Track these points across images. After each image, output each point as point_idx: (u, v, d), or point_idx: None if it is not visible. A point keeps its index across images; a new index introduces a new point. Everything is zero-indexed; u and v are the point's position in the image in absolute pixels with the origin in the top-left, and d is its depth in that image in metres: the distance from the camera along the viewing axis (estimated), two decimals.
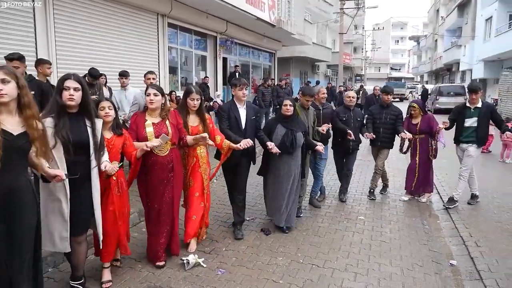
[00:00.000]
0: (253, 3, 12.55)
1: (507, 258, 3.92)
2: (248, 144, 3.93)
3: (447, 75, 40.94)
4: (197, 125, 3.92)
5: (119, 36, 8.96)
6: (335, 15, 26.42)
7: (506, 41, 20.43)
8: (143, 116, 3.56)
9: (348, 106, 5.61)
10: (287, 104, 4.43)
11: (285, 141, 4.34)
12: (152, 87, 3.53)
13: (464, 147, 5.38)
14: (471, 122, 5.31)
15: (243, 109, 4.34)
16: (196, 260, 3.63)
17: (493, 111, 5.39)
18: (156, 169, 3.51)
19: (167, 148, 3.53)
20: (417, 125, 5.63)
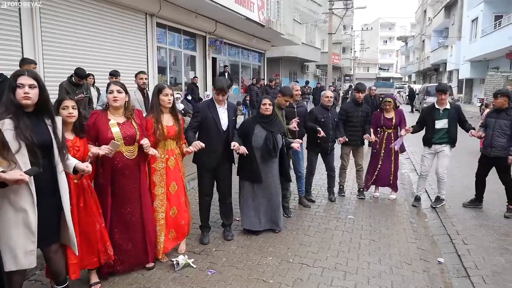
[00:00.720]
0: (242, 3, 12.54)
1: (493, 255, 3.98)
2: (198, 146, 3.70)
3: (435, 75, 41.51)
4: (172, 125, 3.68)
5: (107, 36, 8.87)
6: (324, 15, 26.55)
7: (491, 41, 20.81)
8: (104, 116, 3.24)
9: (326, 106, 5.54)
10: (266, 103, 4.25)
11: (268, 145, 4.19)
12: (115, 84, 3.29)
13: (438, 148, 5.44)
14: (442, 124, 5.38)
15: (224, 109, 4.10)
16: (186, 261, 3.62)
17: (460, 112, 5.48)
18: (127, 173, 3.31)
19: (136, 150, 3.32)
20: (392, 119, 5.71)
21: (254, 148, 4.23)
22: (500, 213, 5.21)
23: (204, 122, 4.02)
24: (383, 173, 5.84)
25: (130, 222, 3.39)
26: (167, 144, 3.68)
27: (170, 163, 3.70)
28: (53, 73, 7.40)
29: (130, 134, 3.26)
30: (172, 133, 3.66)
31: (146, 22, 10.19)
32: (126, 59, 9.45)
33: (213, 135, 4.00)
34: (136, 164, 3.37)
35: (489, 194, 5.98)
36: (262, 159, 4.27)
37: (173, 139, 3.71)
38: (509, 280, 3.48)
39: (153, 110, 3.63)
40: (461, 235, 4.54)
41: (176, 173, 3.77)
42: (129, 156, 3.29)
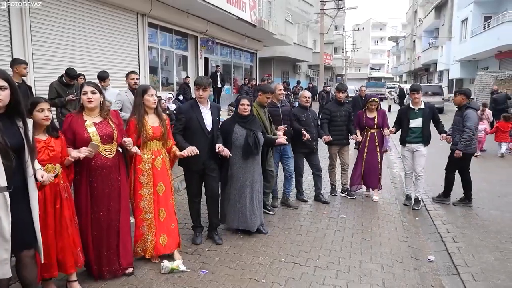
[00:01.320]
0: (234, 3, 12.54)
1: (483, 253, 4.04)
2: (193, 152, 3.69)
3: (425, 75, 41.86)
4: (158, 125, 3.62)
5: (98, 36, 8.82)
6: (316, 15, 26.63)
7: (481, 42, 21.04)
8: (80, 117, 3.20)
9: (305, 106, 5.59)
10: (244, 103, 4.26)
11: (249, 144, 4.18)
12: (89, 85, 3.23)
13: (414, 147, 5.53)
14: (416, 123, 5.49)
15: (207, 109, 4.04)
16: (172, 266, 3.54)
17: (434, 112, 5.56)
18: (105, 173, 3.24)
19: (114, 149, 3.30)
20: (374, 119, 5.78)
21: (235, 147, 4.22)
22: (490, 211, 5.29)
23: (188, 123, 3.95)
24: (368, 173, 5.90)
25: (107, 222, 3.32)
26: (153, 144, 3.63)
27: (157, 164, 3.64)
28: (43, 73, 7.34)
29: (107, 133, 3.24)
30: (158, 133, 3.61)
31: (137, 22, 10.14)
32: (117, 59, 9.40)
33: (198, 136, 3.94)
34: (115, 164, 3.33)
35: (478, 193, 6.07)
36: (244, 156, 4.25)
37: (159, 139, 3.66)
38: (497, 277, 3.53)
39: (136, 111, 3.58)
40: (451, 233, 4.59)
41: (164, 173, 3.70)
42: (107, 155, 3.26)
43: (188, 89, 11.85)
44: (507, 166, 6.08)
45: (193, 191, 4.18)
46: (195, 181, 4.15)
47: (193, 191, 4.19)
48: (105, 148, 3.24)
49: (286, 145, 5.12)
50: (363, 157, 5.90)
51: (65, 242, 3.02)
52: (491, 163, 8.40)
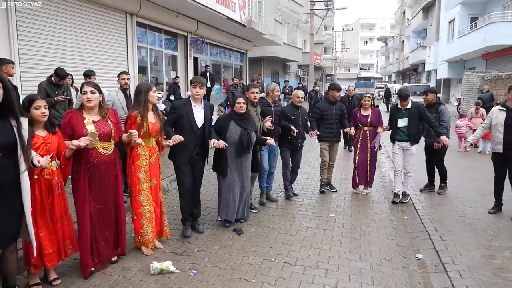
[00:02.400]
0: (224, 3, 12.52)
1: (469, 251, 4.09)
2: (177, 139, 3.87)
3: (414, 75, 42.28)
4: (155, 122, 3.82)
5: (86, 35, 8.72)
6: (305, 15, 26.73)
7: (468, 42, 21.33)
8: (80, 115, 3.36)
9: (296, 105, 5.70)
10: (240, 102, 4.48)
11: (242, 142, 4.40)
12: (88, 85, 3.39)
13: (404, 145, 5.66)
14: (403, 123, 5.62)
15: (200, 107, 4.25)
16: (161, 267, 3.52)
17: (421, 111, 5.62)
18: (102, 169, 3.41)
19: (111, 146, 3.47)
20: (368, 117, 5.88)
21: (229, 143, 4.39)
22: (476, 209, 5.36)
23: (179, 119, 4.15)
24: (360, 170, 6.05)
25: (105, 217, 3.52)
26: (150, 141, 3.82)
27: (153, 160, 3.86)
28: (30, 73, 7.24)
29: (105, 131, 3.38)
30: (156, 129, 3.80)
31: (126, 22, 10.05)
32: (106, 59, 9.31)
33: (186, 132, 4.08)
34: (112, 161, 3.49)
35: (465, 192, 6.16)
36: (237, 154, 4.48)
37: (154, 136, 3.84)
38: (484, 274, 3.58)
39: (140, 107, 3.71)
40: (439, 231, 4.65)
41: (156, 170, 3.93)
42: (104, 153, 3.41)
43: (178, 89, 11.80)
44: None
45: (184, 185, 4.32)
46: (186, 176, 4.29)
47: (184, 186, 4.32)
48: (102, 145, 3.38)
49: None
50: (357, 155, 6.03)
51: (52, 237, 3.17)
52: (479, 162, 8.51)
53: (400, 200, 5.81)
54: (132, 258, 3.78)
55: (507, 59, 19.21)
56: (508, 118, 4.89)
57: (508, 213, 5.09)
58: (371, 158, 5.99)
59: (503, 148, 4.93)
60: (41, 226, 3.08)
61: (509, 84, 13.81)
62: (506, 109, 4.98)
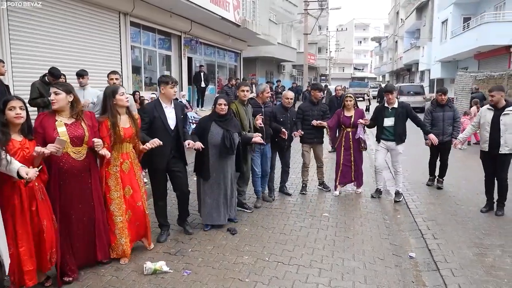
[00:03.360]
0: (218, 3, 12.51)
1: (462, 249, 4.13)
2: (156, 143, 3.66)
3: (407, 75, 42.50)
4: (129, 127, 3.60)
5: (79, 35, 8.68)
6: (300, 15, 26.77)
7: (460, 42, 21.46)
8: (52, 117, 3.14)
9: (286, 106, 5.65)
10: (222, 103, 4.36)
11: (225, 144, 4.29)
12: (53, 86, 3.19)
13: (389, 145, 5.70)
14: (390, 122, 5.66)
15: (171, 108, 4.08)
16: (155, 267, 3.52)
17: (408, 111, 5.69)
18: (74, 176, 3.20)
19: (84, 151, 3.24)
20: (351, 118, 5.85)
21: (210, 145, 4.33)
22: (469, 208, 5.40)
23: (152, 122, 3.97)
24: (344, 170, 6.00)
25: (79, 225, 3.31)
26: (123, 147, 3.61)
27: (125, 167, 3.62)
28: (22, 73, 7.19)
29: (78, 135, 3.17)
30: (129, 135, 3.58)
31: (119, 21, 10.02)
32: (99, 59, 9.27)
33: (161, 135, 3.89)
34: (86, 166, 3.29)
35: (458, 191, 6.21)
36: (219, 156, 4.37)
37: (129, 141, 3.64)
38: (476, 272, 3.61)
39: (108, 112, 3.50)
40: (432, 230, 4.68)
41: (131, 177, 3.68)
42: (76, 158, 3.20)
43: None
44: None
45: (159, 190, 4.19)
46: (161, 181, 4.17)
47: (159, 191, 4.19)
48: (74, 150, 3.18)
49: (265, 145, 5.25)
50: (340, 156, 6.01)
51: (43, 241, 2.99)
52: (471, 161, 8.57)
53: (394, 199, 5.86)
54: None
55: (499, 59, 19.37)
56: (495, 117, 5.00)
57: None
58: (356, 158, 5.95)
59: (488, 147, 5.05)
60: (21, 239, 2.85)
61: (501, 84, 13.96)
62: (494, 108, 5.06)
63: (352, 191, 6.27)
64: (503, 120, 4.94)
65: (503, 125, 4.93)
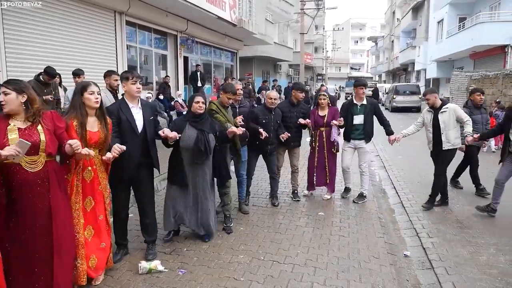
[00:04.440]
0: (214, 2, 12.49)
1: (456, 247, 4.15)
2: (118, 149, 3.13)
3: (403, 75, 42.63)
4: (97, 131, 3.12)
5: (74, 34, 8.64)
6: (296, 15, 26.79)
7: (456, 42, 21.56)
8: (5, 121, 2.64)
9: (269, 107, 5.25)
10: (199, 101, 3.97)
11: (199, 146, 3.90)
12: (2, 85, 2.71)
13: (357, 143, 5.59)
14: (359, 120, 5.52)
15: (138, 108, 3.60)
16: (150, 266, 3.51)
17: (376, 108, 5.62)
18: (26, 192, 2.63)
19: (41, 160, 2.69)
20: (324, 117, 5.56)
21: (183, 149, 3.95)
22: (463, 207, 5.43)
23: (119, 125, 3.49)
24: (318, 172, 5.75)
25: (32, 253, 2.69)
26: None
27: (87, 175, 3.12)
28: (17, 72, 7.15)
29: (32, 141, 2.58)
30: (95, 139, 3.11)
31: (115, 20, 9.99)
32: (95, 58, 9.24)
33: (128, 139, 3.47)
34: (42, 178, 2.69)
35: (453, 190, 6.23)
36: (193, 160, 3.99)
37: (95, 147, 3.15)
38: (470, 271, 3.64)
39: (75, 111, 3.06)
40: (426, 228, 4.70)
41: (94, 186, 3.18)
42: (30, 169, 2.64)
43: (168, 89, 11.77)
44: (481, 164, 6.30)
45: (120, 203, 3.69)
46: (124, 191, 3.69)
47: (120, 204, 3.69)
48: (28, 160, 2.62)
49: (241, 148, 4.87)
50: (315, 158, 5.71)
51: None
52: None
53: (353, 199, 5.70)
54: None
55: (495, 58, 19.46)
56: (434, 118, 5.23)
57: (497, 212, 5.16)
58: (329, 159, 5.64)
59: (433, 146, 5.33)
60: None
61: (496, 83, 14.02)
62: (432, 109, 5.26)
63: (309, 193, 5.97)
64: (441, 119, 5.15)
65: (442, 123, 5.14)
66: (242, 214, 5.13)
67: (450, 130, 5.14)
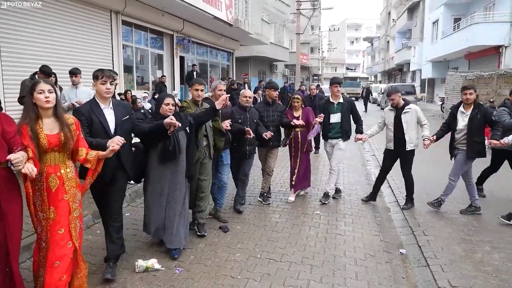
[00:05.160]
0: (210, 2, 12.50)
1: (451, 245, 4.18)
2: (120, 142, 2.99)
3: (399, 75, 42.84)
4: (57, 133, 2.76)
5: (70, 33, 8.61)
6: (292, 15, 26.83)
7: (451, 42, 21.70)
8: None
9: (244, 106, 5.10)
10: (170, 103, 3.67)
11: (167, 146, 3.62)
12: None
13: (334, 142, 5.59)
14: (336, 118, 5.53)
15: (109, 109, 3.35)
16: (147, 265, 3.51)
17: (352, 106, 5.66)
18: None
19: None
20: (299, 118, 5.51)
21: (154, 150, 3.72)
22: (458, 205, 5.45)
23: (90, 127, 3.23)
24: (301, 173, 5.66)
25: None
26: (49, 158, 2.77)
27: (52, 183, 2.76)
28: (12, 71, 7.12)
29: None
30: (56, 143, 2.74)
31: (111, 20, 9.97)
32: (90, 58, 9.21)
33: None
34: None
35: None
36: (161, 161, 3.71)
37: (58, 151, 2.80)
38: (464, 268, 3.66)
39: (27, 113, 2.74)
40: (422, 227, 4.73)
41: (58, 196, 2.78)
42: None
43: (164, 88, 11.74)
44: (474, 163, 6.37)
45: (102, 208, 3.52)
46: (100, 196, 3.45)
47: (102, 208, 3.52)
48: None
49: (222, 151, 4.68)
50: (297, 158, 5.63)
51: None
52: None
53: (320, 199, 5.68)
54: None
55: (489, 59, 19.60)
56: (396, 117, 5.27)
57: (489, 210, 5.20)
58: (301, 159, 5.61)
59: (394, 145, 5.33)
60: None
61: (490, 83, 14.11)
62: (395, 109, 5.31)
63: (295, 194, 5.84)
64: (404, 119, 5.20)
65: (405, 123, 5.20)
66: (237, 214, 5.10)
67: (412, 131, 5.23)
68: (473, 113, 4.90)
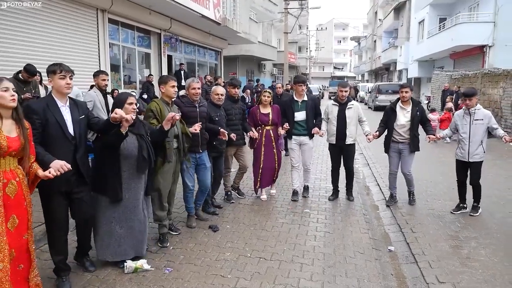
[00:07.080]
0: (198, 1, 12.44)
1: (438, 242, 4.24)
2: (63, 168, 2.67)
3: (386, 74, 43.22)
4: (17, 136, 2.54)
5: (55, 32, 8.49)
6: (280, 14, 26.88)
7: (436, 42, 21.98)
8: None
9: (216, 104, 4.99)
10: (132, 102, 3.38)
11: (143, 155, 3.39)
12: None
13: (301, 140, 5.57)
14: (301, 116, 5.52)
15: (66, 107, 3.08)
16: (136, 265, 3.47)
17: (316, 104, 5.73)
18: None
19: None
20: (268, 115, 5.51)
21: (123, 157, 3.38)
22: (445, 202, 5.54)
23: (45, 128, 2.94)
24: (265, 172, 5.61)
25: None
26: (5, 162, 2.52)
27: (10, 190, 2.53)
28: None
29: None
30: (16, 147, 2.53)
31: (97, 18, 9.85)
32: (77, 56, 9.09)
33: (59, 144, 2.98)
34: None
35: (435, 186, 6.36)
36: (136, 171, 3.44)
37: (15, 156, 2.57)
38: (452, 264, 3.72)
39: None
40: (410, 224, 4.79)
41: (19, 202, 2.59)
42: None
43: (151, 88, 11.63)
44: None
45: (57, 219, 3.12)
46: (60, 205, 3.11)
47: (57, 219, 3.12)
48: None
49: (201, 153, 4.55)
50: (261, 157, 5.56)
51: None
52: (448, 156, 8.80)
53: (303, 195, 5.79)
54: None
55: (474, 58, 19.92)
56: (340, 112, 5.45)
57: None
58: (278, 157, 5.63)
59: (335, 139, 5.50)
60: None
61: (475, 82, 14.34)
62: (338, 104, 5.47)
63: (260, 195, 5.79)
64: (347, 114, 5.41)
65: (348, 118, 5.41)
66: (229, 210, 5.10)
67: (353, 126, 5.47)
68: (414, 109, 5.26)
